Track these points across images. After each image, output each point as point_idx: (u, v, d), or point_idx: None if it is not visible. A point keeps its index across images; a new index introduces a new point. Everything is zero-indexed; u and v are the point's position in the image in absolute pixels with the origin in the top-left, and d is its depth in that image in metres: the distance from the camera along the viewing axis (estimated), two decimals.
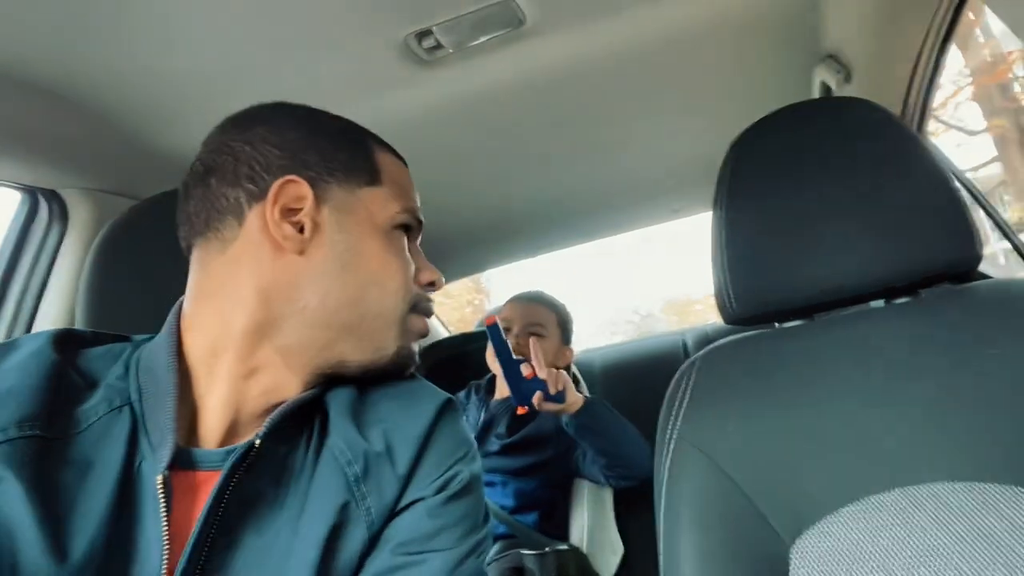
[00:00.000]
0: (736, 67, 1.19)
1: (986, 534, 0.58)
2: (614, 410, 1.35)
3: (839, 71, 1.11)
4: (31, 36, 0.78)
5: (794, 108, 0.79)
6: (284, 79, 0.96)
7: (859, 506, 0.62)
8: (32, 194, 1.02)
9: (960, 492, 0.60)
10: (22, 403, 0.49)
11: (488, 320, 1.23)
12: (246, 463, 0.52)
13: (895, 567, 0.59)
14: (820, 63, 1.14)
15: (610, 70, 1.11)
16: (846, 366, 0.69)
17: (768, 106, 0.80)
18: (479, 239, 1.87)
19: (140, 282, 0.77)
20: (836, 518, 0.62)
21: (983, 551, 0.57)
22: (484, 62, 1.03)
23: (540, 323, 1.49)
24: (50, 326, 0.97)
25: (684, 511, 0.66)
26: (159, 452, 0.51)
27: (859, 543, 0.61)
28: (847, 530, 0.62)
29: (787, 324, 0.78)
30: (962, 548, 0.58)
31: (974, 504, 0.59)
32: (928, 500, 0.60)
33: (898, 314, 0.72)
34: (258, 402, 0.57)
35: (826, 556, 0.61)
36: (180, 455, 0.52)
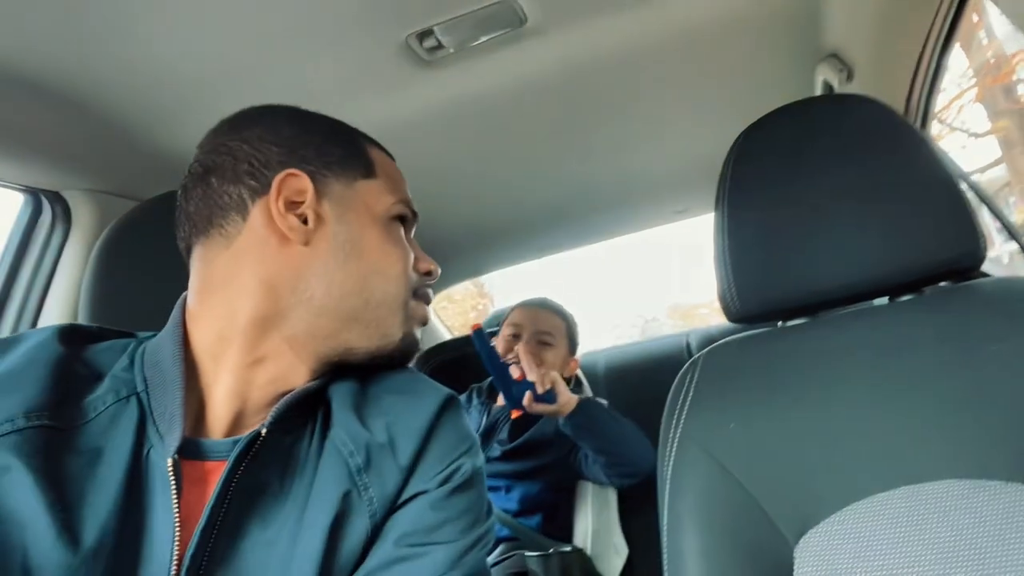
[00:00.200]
0: (738, 66, 1.19)
1: (992, 532, 0.57)
2: (610, 409, 1.34)
3: (841, 70, 1.11)
4: (33, 38, 0.79)
5: (796, 105, 0.79)
6: (285, 80, 0.96)
7: (864, 504, 0.62)
8: (35, 196, 1.03)
9: (965, 490, 0.60)
10: (29, 393, 0.50)
11: (473, 326, 1.22)
12: (252, 453, 0.53)
13: (900, 565, 0.58)
14: (822, 62, 1.14)
15: (612, 70, 1.11)
16: (850, 364, 0.68)
17: (771, 105, 0.79)
18: (481, 241, 1.86)
19: (142, 282, 0.77)
20: (841, 516, 0.62)
21: (989, 549, 0.57)
22: (485, 62, 1.03)
23: (550, 331, 1.47)
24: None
25: (687, 510, 0.66)
26: (167, 439, 0.52)
27: (864, 541, 0.60)
28: (852, 528, 0.61)
29: (791, 322, 0.77)
30: (968, 546, 0.57)
31: (980, 502, 0.59)
32: (933, 498, 0.60)
33: (902, 312, 0.71)
34: (265, 391, 0.58)
35: (831, 555, 0.61)
36: (187, 445, 0.53)
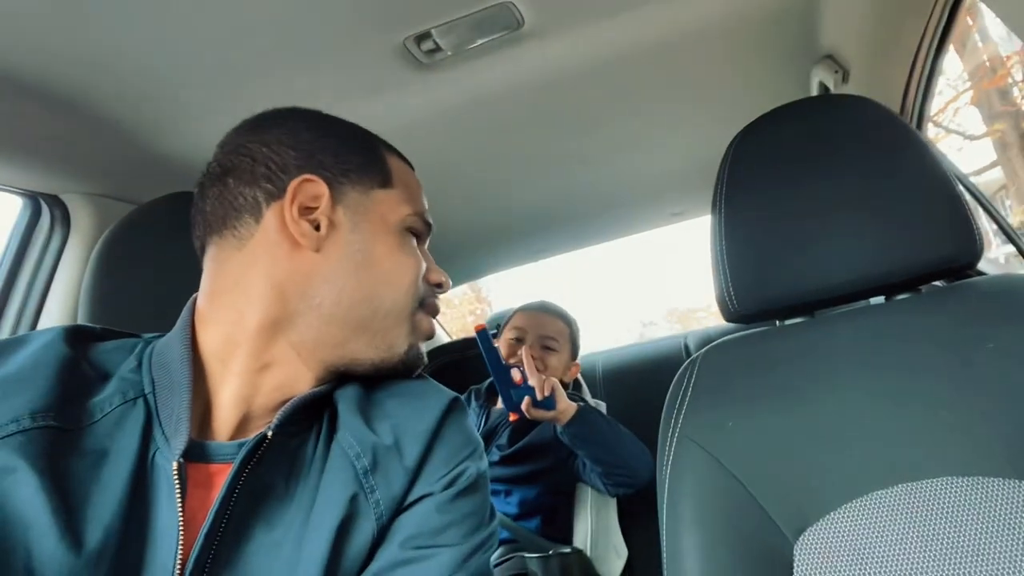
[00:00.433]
0: (734, 68, 1.19)
1: (989, 528, 0.58)
2: (609, 418, 1.33)
3: (837, 71, 1.12)
4: (32, 42, 0.79)
5: (792, 106, 0.79)
6: (283, 83, 0.97)
7: (862, 502, 0.62)
8: (34, 199, 1.03)
9: (963, 487, 0.60)
10: (35, 394, 0.50)
11: (477, 327, 1.22)
12: (257, 456, 0.53)
13: (899, 563, 0.59)
14: (818, 64, 1.15)
15: (608, 72, 1.12)
16: (848, 363, 0.69)
17: (766, 107, 0.80)
18: (478, 243, 1.86)
19: (142, 285, 0.77)
20: (840, 514, 0.62)
21: (987, 545, 0.57)
22: (483, 65, 1.03)
23: (554, 336, 1.46)
24: None
25: (687, 509, 0.66)
26: (173, 442, 0.51)
27: (863, 539, 0.60)
28: (851, 526, 0.61)
29: (788, 321, 0.77)
30: (966, 543, 0.58)
31: (977, 499, 0.59)
32: (931, 495, 0.60)
33: (899, 310, 0.72)
34: (271, 396, 0.58)
35: (830, 552, 0.61)
36: (193, 448, 0.53)
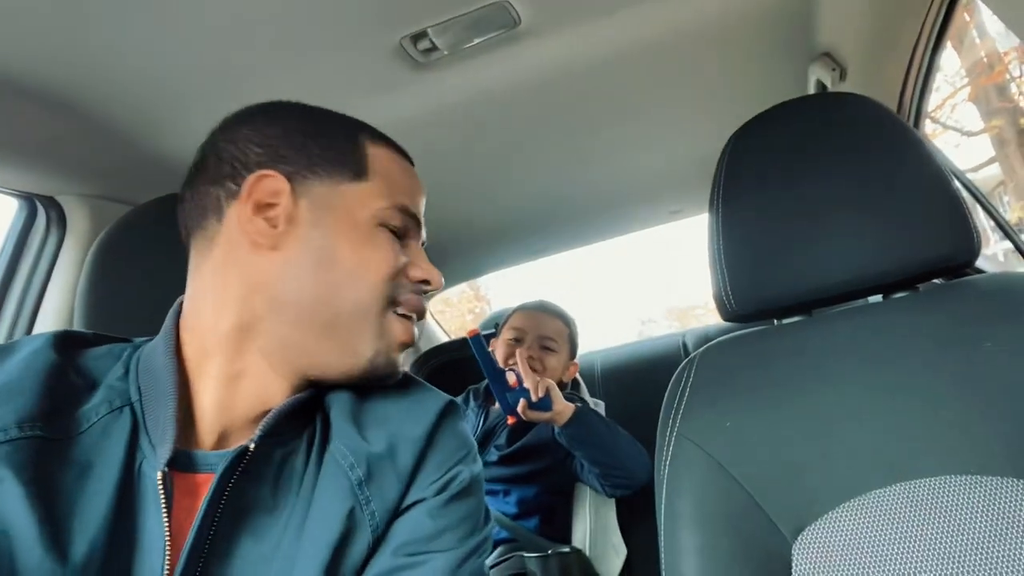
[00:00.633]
0: (731, 66, 1.19)
1: (988, 527, 0.57)
2: (607, 419, 1.33)
3: (834, 69, 1.11)
4: (28, 43, 0.78)
5: (790, 104, 0.79)
6: (279, 83, 0.96)
7: (861, 501, 0.62)
8: (30, 201, 1.03)
9: (962, 486, 0.60)
10: (23, 403, 0.49)
11: (470, 332, 1.21)
12: (242, 467, 0.51)
13: (898, 562, 0.58)
14: (815, 61, 1.15)
15: (605, 71, 1.11)
16: (846, 361, 0.68)
17: (764, 105, 0.80)
18: (476, 243, 1.86)
19: (138, 286, 0.77)
20: (838, 514, 0.62)
21: (986, 544, 0.57)
22: (479, 64, 1.03)
23: (552, 336, 1.46)
24: (50, 331, 0.97)
25: (685, 508, 0.66)
26: (159, 451, 0.50)
27: (862, 539, 0.60)
28: (849, 526, 0.61)
29: (786, 320, 0.77)
30: (964, 541, 0.58)
31: (976, 497, 0.59)
32: (930, 494, 0.60)
33: (896, 309, 0.72)
34: (249, 406, 0.56)
35: (828, 552, 0.61)
36: (180, 456, 0.52)
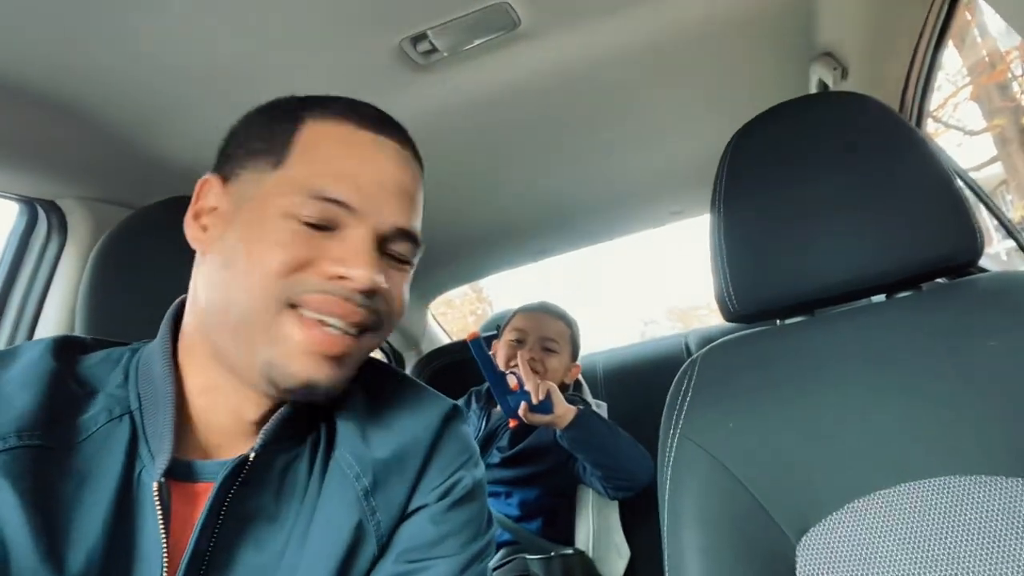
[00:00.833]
0: (733, 66, 1.19)
1: (992, 527, 0.57)
2: (609, 421, 1.33)
3: (836, 68, 1.11)
4: (28, 47, 0.78)
5: (791, 103, 0.79)
6: (279, 86, 0.94)
7: (865, 502, 0.61)
8: (31, 205, 1.03)
9: (965, 486, 0.59)
10: (22, 412, 0.49)
11: (470, 335, 1.21)
12: (242, 477, 0.51)
13: (902, 562, 0.58)
14: (816, 61, 1.14)
15: (606, 72, 1.11)
16: (849, 361, 0.68)
17: (765, 105, 0.80)
18: (477, 245, 1.85)
19: (140, 289, 0.77)
20: (842, 514, 0.62)
21: (991, 544, 0.57)
22: (479, 66, 1.03)
23: (554, 338, 1.46)
24: (51, 335, 0.97)
25: (688, 509, 0.66)
26: (157, 460, 0.50)
27: (866, 539, 0.60)
28: (853, 526, 0.61)
29: (788, 321, 0.77)
30: (968, 541, 0.57)
31: (979, 497, 0.58)
32: (933, 494, 0.60)
33: (900, 308, 0.71)
34: (228, 420, 0.55)
35: (833, 552, 0.61)
36: (179, 466, 0.51)
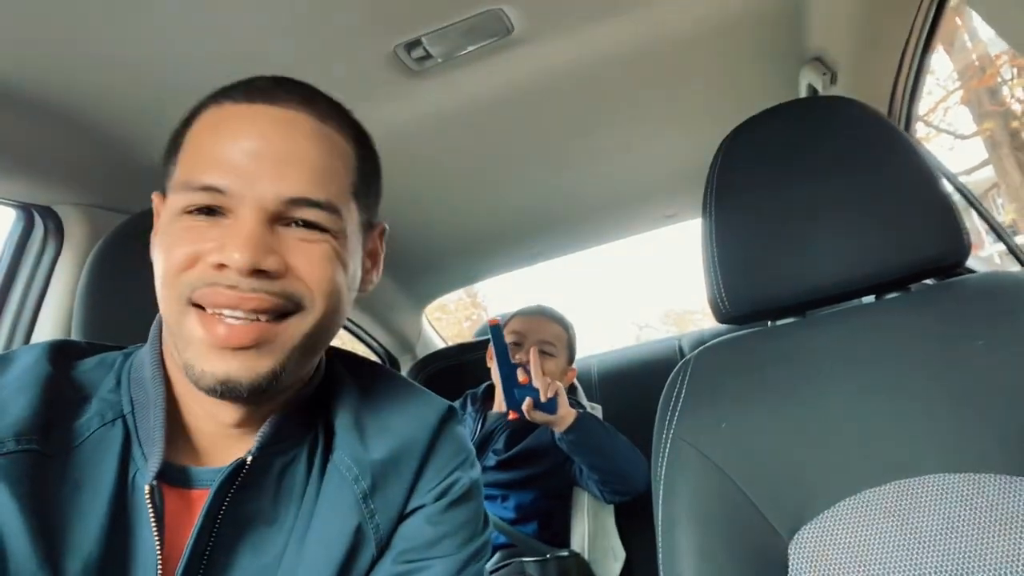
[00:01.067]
0: (723, 71, 1.20)
1: (983, 523, 0.58)
2: (608, 426, 1.34)
3: (825, 73, 1.12)
4: (24, 53, 0.79)
5: (781, 108, 0.79)
6: None
7: (856, 500, 0.62)
8: (27, 211, 1.02)
9: (956, 483, 0.60)
10: (19, 417, 0.49)
11: (491, 320, 1.23)
12: (240, 480, 0.51)
13: (894, 559, 0.59)
14: (806, 65, 1.16)
15: (598, 77, 1.12)
16: (839, 362, 0.69)
17: (756, 109, 0.81)
18: (471, 250, 1.85)
19: (136, 294, 0.76)
20: (834, 512, 0.62)
21: (981, 542, 0.57)
22: (473, 71, 1.04)
23: (551, 341, 1.46)
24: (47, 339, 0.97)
25: (682, 509, 0.66)
26: (150, 463, 0.50)
27: (858, 537, 0.61)
28: (845, 524, 0.62)
29: (780, 322, 0.78)
30: (959, 538, 0.58)
31: (970, 494, 0.59)
32: (924, 492, 0.61)
33: (889, 309, 0.72)
34: (210, 423, 0.55)
35: (825, 550, 0.61)
36: (176, 471, 0.51)
